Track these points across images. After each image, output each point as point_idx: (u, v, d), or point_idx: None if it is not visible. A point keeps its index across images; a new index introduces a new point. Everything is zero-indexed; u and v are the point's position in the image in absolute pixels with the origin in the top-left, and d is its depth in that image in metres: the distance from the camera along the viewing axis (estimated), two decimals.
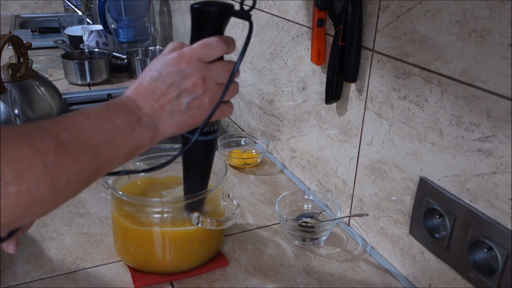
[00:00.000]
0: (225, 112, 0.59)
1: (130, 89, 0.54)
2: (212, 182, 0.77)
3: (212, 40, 0.54)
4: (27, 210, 0.41)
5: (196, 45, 0.54)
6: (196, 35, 0.56)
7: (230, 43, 0.55)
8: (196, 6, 0.55)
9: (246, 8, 0.54)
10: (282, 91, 1.03)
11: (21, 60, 1.21)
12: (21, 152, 0.40)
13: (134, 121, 0.51)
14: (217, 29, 0.56)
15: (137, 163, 0.78)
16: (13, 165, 0.39)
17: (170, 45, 0.56)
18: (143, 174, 0.79)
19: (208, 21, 0.55)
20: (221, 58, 0.56)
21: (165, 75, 0.53)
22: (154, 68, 0.54)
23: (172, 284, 0.71)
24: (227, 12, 0.55)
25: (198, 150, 0.62)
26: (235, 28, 1.22)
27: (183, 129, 0.56)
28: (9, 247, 0.56)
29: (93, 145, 0.46)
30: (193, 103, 0.54)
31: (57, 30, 2.19)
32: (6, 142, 0.39)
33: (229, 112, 0.59)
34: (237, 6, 0.55)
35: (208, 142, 0.62)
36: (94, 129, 0.46)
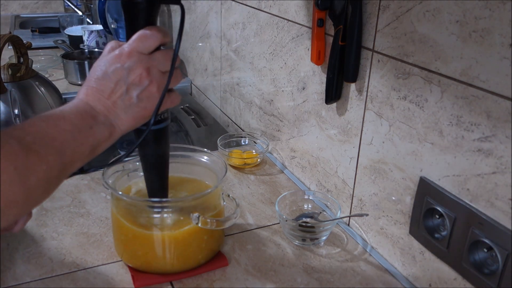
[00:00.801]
0: (174, 100, 0.61)
1: (79, 92, 0.56)
2: (212, 182, 0.77)
3: (146, 31, 0.56)
4: (3, 212, 0.42)
5: (132, 39, 0.56)
6: (130, 28, 0.58)
7: (164, 32, 0.57)
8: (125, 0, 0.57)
9: None
10: (282, 91, 1.03)
11: (21, 60, 1.21)
12: None
13: (90, 120, 0.53)
14: (150, 19, 0.58)
15: (137, 163, 0.78)
16: None
17: (108, 46, 0.58)
18: (143, 174, 0.79)
19: (139, 13, 0.57)
20: (158, 48, 0.58)
21: (110, 72, 0.55)
22: (98, 68, 0.56)
23: (172, 284, 0.71)
24: (157, 0, 0.57)
25: (152, 140, 0.64)
26: (235, 28, 1.22)
27: (138, 122, 0.58)
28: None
29: (56, 144, 0.48)
30: (143, 94, 0.56)
31: (57, 30, 2.19)
32: None
33: (177, 100, 0.61)
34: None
35: (160, 130, 0.63)
36: (54, 130, 0.49)
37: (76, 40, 1.83)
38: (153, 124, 0.59)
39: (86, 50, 1.69)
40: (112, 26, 1.72)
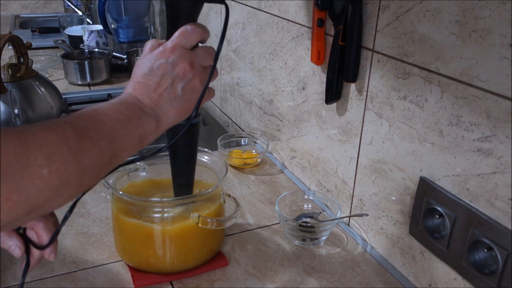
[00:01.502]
0: (211, 93, 0.63)
1: (127, 87, 0.58)
2: (212, 182, 0.77)
3: (188, 27, 0.58)
4: (58, 192, 0.43)
5: (175, 35, 0.58)
6: (171, 25, 0.59)
7: (204, 28, 0.59)
8: None
9: None
10: (282, 91, 1.03)
11: (21, 60, 1.21)
12: (47, 137, 0.43)
13: (138, 111, 0.54)
14: (191, 17, 0.60)
15: (138, 163, 0.78)
16: (43, 149, 0.42)
17: (148, 44, 0.61)
18: (143, 174, 0.79)
19: (183, 11, 0.59)
20: (197, 45, 0.60)
21: (155, 68, 0.57)
22: (143, 65, 0.58)
23: (172, 284, 0.71)
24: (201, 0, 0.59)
25: (185, 134, 0.64)
26: (235, 28, 1.22)
27: (182, 115, 0.59)
28: (51, 255, 0.58)
29: (107, 130, 0.49)
30: (187, 87, 0.58)
31: (57, 30, 2.19)
32: (32, 130, 0.43)
33: (213, 94, 0.64)
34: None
35: (194, 125, 0.65)
36: (105, 118, 0.50)
37: (76, 40, 1.83)
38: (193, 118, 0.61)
39: (86, 50, 1.69)
40: (112, 26, 1.72)
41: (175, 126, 0.61)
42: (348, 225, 0.87)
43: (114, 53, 1.65)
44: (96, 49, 1.72)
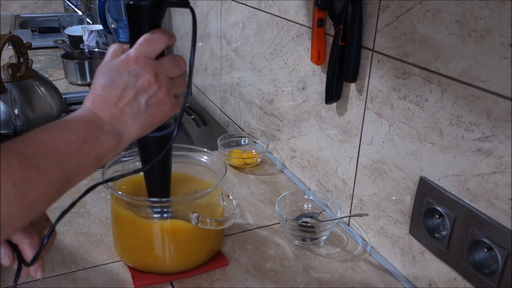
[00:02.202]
0: (179, 105, 0.59)
1: (85, 101, 0.54)
2: (212, 182, 0.77)
3: (152, 35, 0.54)
4: (2, 229, 0.41)
5: (138, 43, 0.54)
6: (134, 32, 0.55)
7: (170, 34, 0.56)
8: (130, 2, 0.54)
9: None
10: (282, 91, 1.03)
11: (21, 60, 1.21)
12: None
13: (95, 129, 0.51)
14: (155, 23, 0.56)
15: (137, 163, 0.78)
16: None
17: (110, 49, 0.56)
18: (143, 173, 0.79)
19: (145, 16, 0.55)
20: (163, 53, 0.56)
21: (117, 79, 0.52)
22: (104, 75, 0.53)
23: (172, 284, 0.71)
24: (163, 3, 0.55)
25: (154, 147, 0.62)
26: (235, 28, 1.22)
27: (147, 129, 0.56)
28: (38, 273, 0.56)
29: (59, 157, 0.46)
30: (151, 100, 0.54)
31: (57, 30, 2.19)
32: None
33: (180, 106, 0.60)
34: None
35: (163, 137, 0.61)
36: (57, 142, 0.47)
37: (76, 40, 1.83)
38: (157, 130, 0.58)
39: (86, 50, 1.69)
40: (112, 26, 1.72)
41: (149, 139, 0.58)
42: (348, 225, 0.87)
43: None
44: (96, 49, 1.72)
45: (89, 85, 1.56)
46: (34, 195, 0.43)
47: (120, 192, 0.70)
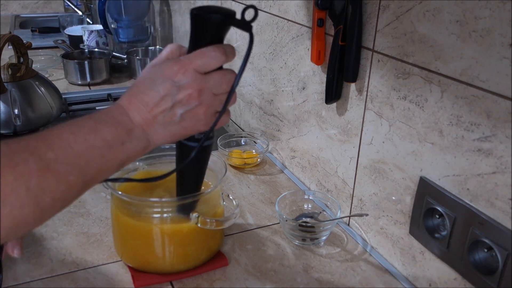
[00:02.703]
0: (224, 120, 0.58)
1: (123, 97, 0.53)
2: (211, 182, 0.77)
3: (210, 50, 0.52)
4: (11, 232, 0.41)
5: (193, 54, 0.52)
6: (194, 41, 0.54)
7: (229, 53, 0.53)
8: (196, 12, 0.53)
9: (248, 18, 0.52)
10: (282, 91, 1.03)
11: (21, 60, 1.21)
12: (3, 177, 0.39)
13: (123, 134, 0.49)
14: (217, 37, 0.54)
15: (137, 163, 0.78)
16: None
17: (168, 49, 0.55)
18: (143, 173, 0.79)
19: (208, 29, 0.53)
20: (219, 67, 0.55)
21: (159, 85, 0.51)
22: (148, 76, 0.52)
23: (172, 284, 0.71)
24: (228, 21, 0.53)
25: (194, 156, 0.62)
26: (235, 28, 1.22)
27: (174, 139, 0.55)
28: (14, 250, 0.56)
29: (80, 163, 0.45)
30: (187, 114, 0.53)
31: (57, 30, 2.19)
32: None
33: (227, 120, 0.59)
34: (238, 14, 0.53)
35: (205, 148, 0.62)
36: (81, 146, 0.45)
37: (76, 40, 1.83)
38: (198, 141, 0.58)
39: (86, 50, 1.69)
40: (112, 26, 1.72)
41: (185, 146, 0.58)
42: (348, 225, 0.87)
43: (114, 53, 1.65)
44: (96, 49, 1.72)
45: (89, 85, 1.56)
46: (49, 201, 0.42)
47: (120, 192, 0.70)
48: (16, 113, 1.12)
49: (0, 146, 0.40)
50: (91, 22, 2.14)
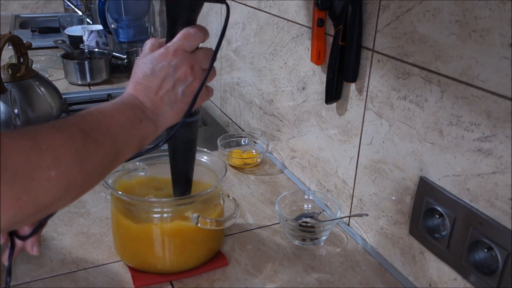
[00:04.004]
0: (210, 93, 0.64)
1: (128, 87, 0.58)
2: (211, 182, 0.77)
3: (191, 30, 0.58)
4: (64, 193, 0.44)
5: (178, 37, 0.58)
6: (171, 26, 0.60)
7: (205, 31, 0.60)
8: None
9: None
10: (282, 91, 1.03)
11: (21, 60, 1.21)
12: (56, 139, 0.44)
13: (140, 114, 0.55)
14: (191, 18, 0.60)
15: (137, 163, 0.78)
16: (52, 151, 0.43)
17: (148, 43, 0.61)
18: (143, 174, 0.79)
19: (182, 11, 0.59)
20: (197, 47, 0.61)
21: (157, 70, 0.57)
22: (144, 65, 0.58)
23: (172, 284, 0.71)
24: None
25: (184, 132, 0.65)
26: (235, 28, 1.22)
27: (180, 117, 0.60)
28: (34, 248, 0.60)
29: (111, 133, 0.51)
30: (187, 90, 0.59)
31: (57, 30, 2.19)
32: (42, 131, 0.43)
33: (212, 93, 0.65)
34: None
35: (193, 123, 0.65)
36: (110, 121, 0.51)
37: (76, 40, 1.83)
38: (188, 117, 0.62)
39: (86, 50, 1.69)
40: (112, 26, 1.72)
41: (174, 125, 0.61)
42: (348, 225, 0.87)
43: (114, 53, 1.65)
44: (96, 49, 1.72)
45: (89, 85, 1.57)
46: (92, 164, 0.47)
47: (120, 192, 0.70)
48: (16, 113, 1.12)
49: (44, 124, 0.45)
50: (91, 22, 2.14)
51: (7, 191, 0.39)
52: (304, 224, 0.82)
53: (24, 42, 1.22)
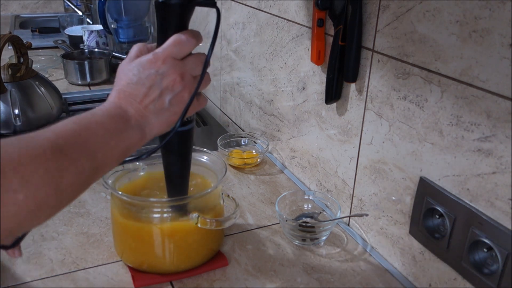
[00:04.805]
0: (202, 103, 0.61)
1: (111, 95, 0.55)
2: (211, 182, 0.77)
3: (182, 37, 0.55)
4: (34, 215, 0.42)
5: (167, 44, 0.56)
6: (163, 31, 0.57)
7: (198, 36, 0.57)
8: (159, 0, 0.56)
9: None
10: (282, 91, 1.03)
11: (21, 60, 1.21)
12: (23, 158, 0.41)
13: (122, 124, 0.52)
14: (183, 21, 0.57)
15: (137, 163, 0.78)
16: (18, 172, 0.40)
17: (135, 48, 0.58)
18: (143, 173, 0.79)
19: (175, 14, 0.56)
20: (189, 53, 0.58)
21: (144, 77, 0.54)
22: (130, 73, 0.55)
23: (172, 284, 0.71)
24: (191, 2, 0.56)
25: (177, 141, 0.64)
26: (235, 28, 1.22)
27: (167, 127, 0.58)
28: (16, 253, 0.59)
29: (88, 148, 0.48)
30: (175, 99, 0.56)
31: (57, 30, 2.19)
32: (7, 150, 0.40)
33: (205, 103, 0.62)
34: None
35: (186, 132, 0.64)
36: (86, 133, 0.48)
37: (76, 40, 1.83)
38: (180, 126, 0.59)
39: (86, 50, 1.69)
40: (112, 26, 1.72)
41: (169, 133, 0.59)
42: (348, 225, 0.87)
43: (114, 53, 1.65)
44: (96, 49, 1.72)
45: (89, 85, 1.57)
46: (66, 182, 0.44)
47: (120, 192, 0.70)
48: (16, 113, 1.12)
49: (11, 139, 0.42)
50: (91, 22, 2.14)
51: None
52: (304, 224, 0.82)
53: (24, 42, 1.22)
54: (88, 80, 1.56)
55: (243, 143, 1.17)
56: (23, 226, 0.42)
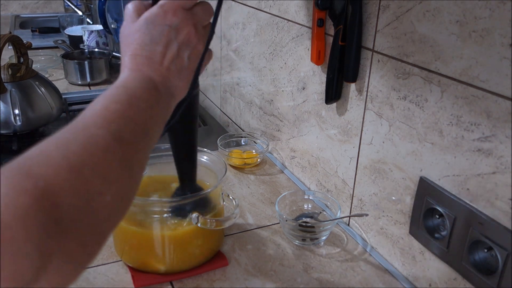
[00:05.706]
0: (210, 55, 0.56)
1: (125, 64, 0.49)
2: (212, 182, 0.77)
3: None
4: (122, 209, 0.40)
5: None
6: None
7: None
8: None
9: None
10: (282, 91, 1.03)
11: (21, 60, 1.21)
12: (94, 156, 0.37)
13: (155, 93, 0.47)
14: None
15: None
16: (96, 172, 0.36)
17: (131, 7, 0.51)
18: (143, 174, 0.78)
19: None
20: None
21: (157, 35, 0.49)
22: (139, 33, 0.49)
23: (172, 284, 0.71)
24: None
25: (189, 107, 0.59)
26: (235, 28, 1.22)
27: (188, 87, 0.53)
28: None
29: (139, 128, 0.43)
30: (193, 54, 0.51)
31: (57, 30, 2.19)
32: (72, 149, 0.36)
33: (212, 55, 0.57)
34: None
35: (195, 96, 0.60)
36: (131, 112, 0.43)
37: (76, 40, 1.83)
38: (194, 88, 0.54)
39: (86, 50, 1.69)
40: (112, 26, 1.72)
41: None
42: (348, 225, 0.87)
43: (114, 53, 1.65)
44: (96, 49, 1.72)
45: (89, 85, 1.56)
46: (137, 171, 0.41)
47: None
48: (16, 113, 1.12)
49: (58, 139, 0.37)
50: (91, 22, 2.14)
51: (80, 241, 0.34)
52: (304, 224, 0.82)
53: (24, 42, 1.22)
54: (88, 80, 1.56)
55: (243, 143, 1.17)
56: (113, 228, 0.39)
